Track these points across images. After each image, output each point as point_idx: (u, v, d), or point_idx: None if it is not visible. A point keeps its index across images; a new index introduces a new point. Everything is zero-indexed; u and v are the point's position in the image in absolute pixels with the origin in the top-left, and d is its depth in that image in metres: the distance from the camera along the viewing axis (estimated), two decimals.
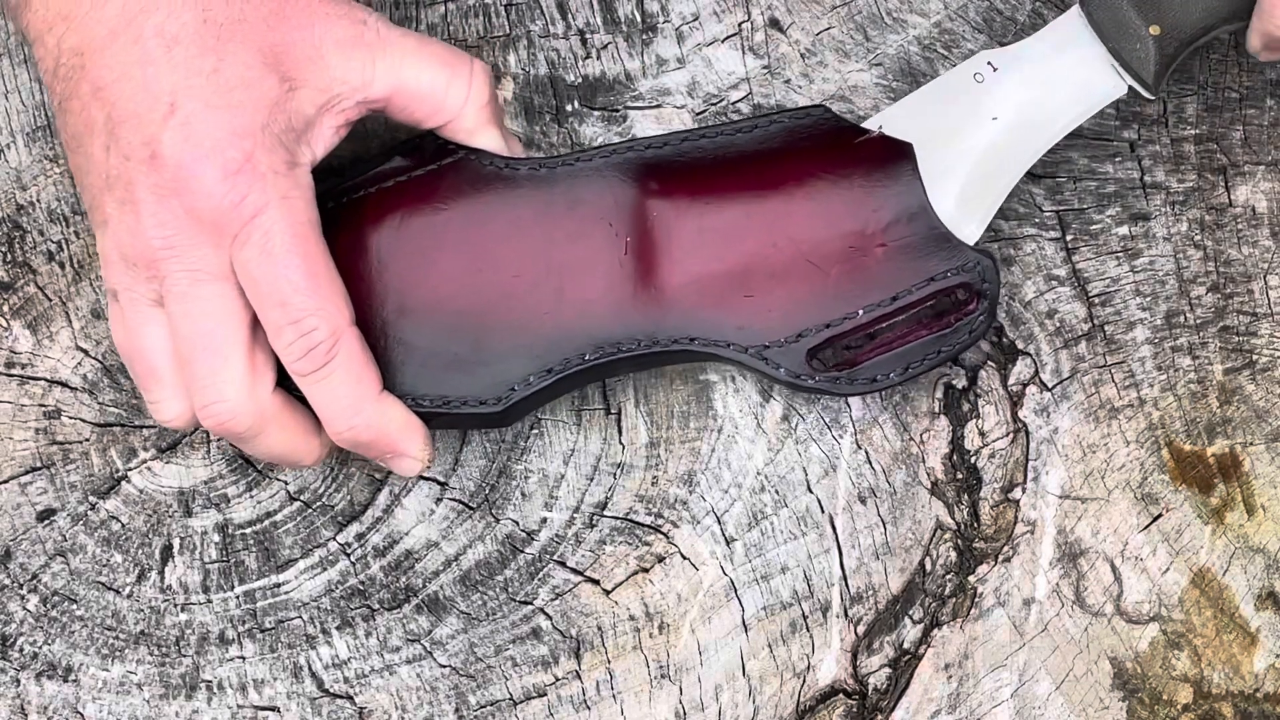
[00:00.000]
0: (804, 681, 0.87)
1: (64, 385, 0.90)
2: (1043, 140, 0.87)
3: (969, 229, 0.86)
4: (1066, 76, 0.87)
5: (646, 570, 0.88)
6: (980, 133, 0.87)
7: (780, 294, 0.84)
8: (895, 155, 0.85)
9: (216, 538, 0.88)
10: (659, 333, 0.84)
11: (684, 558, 0.88)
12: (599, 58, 0.94)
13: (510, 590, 0.87)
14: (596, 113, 0.94)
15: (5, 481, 0.89)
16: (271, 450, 0.83)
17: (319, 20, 0.82)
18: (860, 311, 0.84)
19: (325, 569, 0.88)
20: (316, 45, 0.82)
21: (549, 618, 0.87)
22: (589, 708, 0.86)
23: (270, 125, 0.80)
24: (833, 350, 0.85)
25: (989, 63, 0.87)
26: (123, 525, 0.88)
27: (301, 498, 0.88)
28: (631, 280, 0.84)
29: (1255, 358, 0.90)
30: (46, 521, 0.88)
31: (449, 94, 0.84)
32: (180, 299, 0.80)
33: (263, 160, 0.80)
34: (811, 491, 0.89)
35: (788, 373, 0.84)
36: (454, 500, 0.88)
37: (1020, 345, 0.90)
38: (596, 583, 0.87)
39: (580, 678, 0.86)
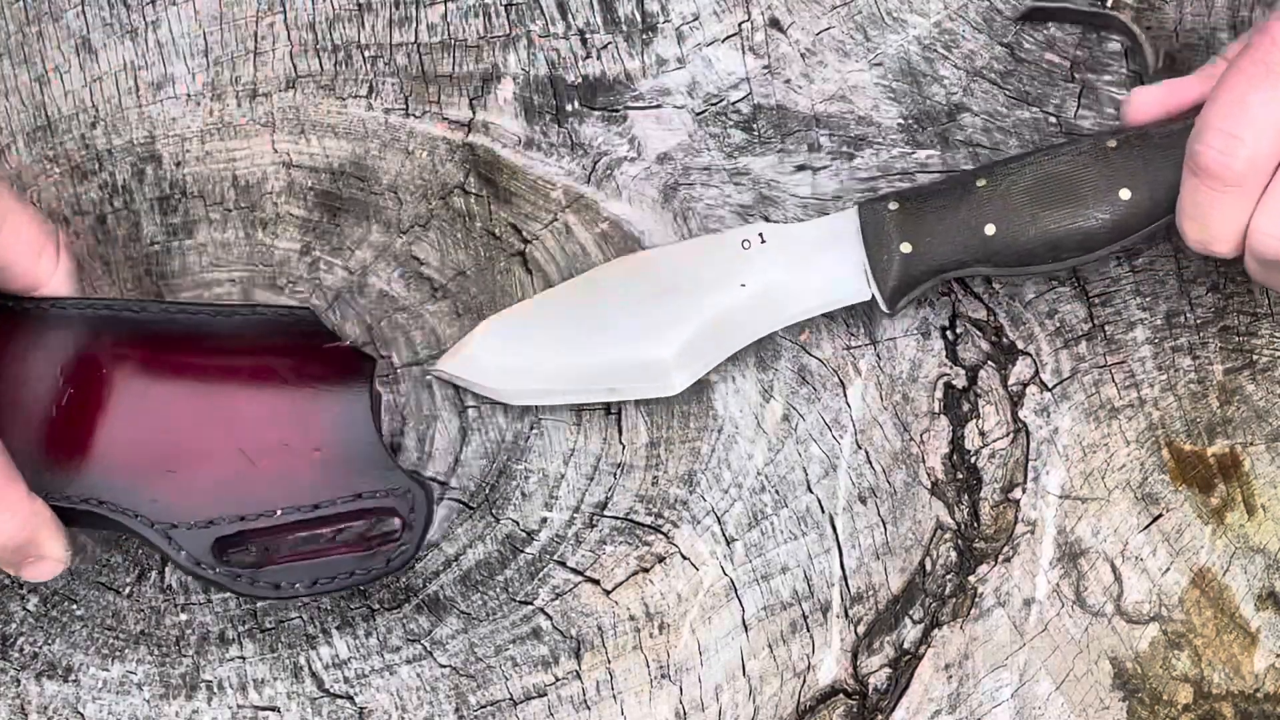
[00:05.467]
0: (804, 681, 0.87)
1: None
2: (777, 320, 0.89)
3: (679, 377, 0.88)
4: (821, 269, 0.89)
5: (647, 570, 0.88)
6: (725, 295, 0.88)
7: (202, 476, 0.83)
8: (354, 369, 0.84)
9: None
10: (68, 489, 0.82)
11: (684, 558, 0.88)
12: (599, 58, 0.95)
13: (510, 590, 0.87)
14: (596, 113, 0.94)
15: None
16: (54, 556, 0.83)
17: None
18: (279, 512, 0.82)
19: None
20: None
21: (549, 618, 0.87)
22: (589, 708, 0.86)
23: None
24: (247, 548, 0.83)
25: (760, 234, 0.89)
26: None
27: None
28: (57, 433, 0.83)
29: (1255, 358, 0.90)
30: None
31: (40, 263, 0.84)
32: None
33: None
34: (812, 491, 0.89)
35: (188, 557, 0.82)
36: (454, 500, 0.88)
37: (1020, 345, 0.90)
38: (597, 583, 0.87)
39: (580, 678, 0.86)
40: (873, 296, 0.88)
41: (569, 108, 0.94)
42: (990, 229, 0.86)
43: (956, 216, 0.87)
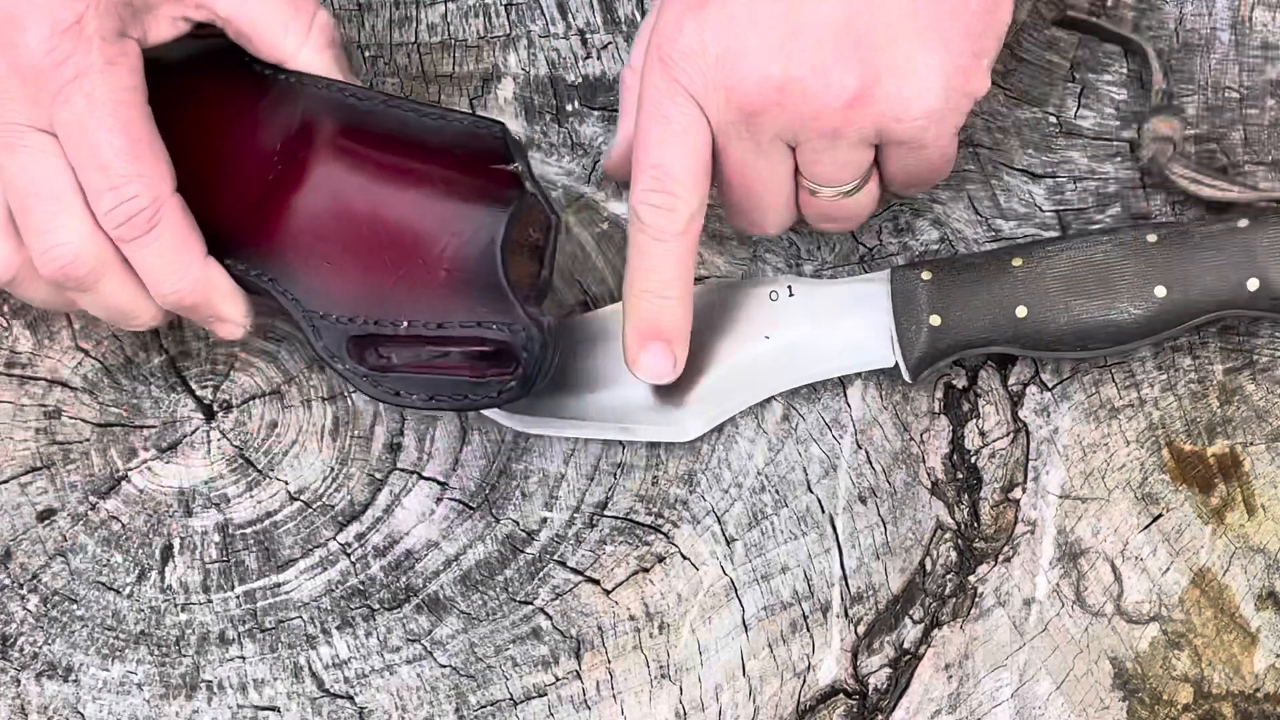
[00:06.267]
0: (804, 681, 0.87)
1: (64, 385, 0.90)
2: (799, 376, 0.89)
3: (693, 424, 0.88)
4: (847, 331, 0.88)
5: (647, 570, 0.88)
6: (747, 345, 0.88)
7: (351, 273, 0.84)
8: (500, 196, 0.83)
9: (217, 538, 0.88)
10: (246, 259, 0.84)
11: (684, 558, 0.88)
12: (599, 57, 0.95)
13: (510, 590, 0.87)
14: (596, 112, 0.94)
15: (5, 481, 0.89)
16: (110, 303, 0.83)
17: None
18: (405, 323, 0.83)
19: (325, 569, 0.88)
20: None
21: (549, 618, 0.87)
22: (589, 708, 0.86)
23: None
24: (375, 352, 0.84)
25: (789, 287, 0.88)
26: (123, 525, 0.88)
27: (301, 498, 0.88)
28: (255, 205, 0.84)
29: (1255, 358, 0.90)
30: (47, 521, 0.88)
31: (286, 37, 0.84)
32: (6, 151, 0.81)
33: (92, 24, 0.80)
34: (812, 491, 0.89)
35: (325, 349, 0.84)
36: (454, 500, 0.88)
37: None
38: (597, 583, 0.87)
39: (580, 678, 0.86)
40: (896, 364, 0.88)
41: (569, 108, 0.94)
42: (1022, 311, 0.86)
43: (989, 294, 0.87)
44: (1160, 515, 0.88)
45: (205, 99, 0.86)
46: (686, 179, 0.82)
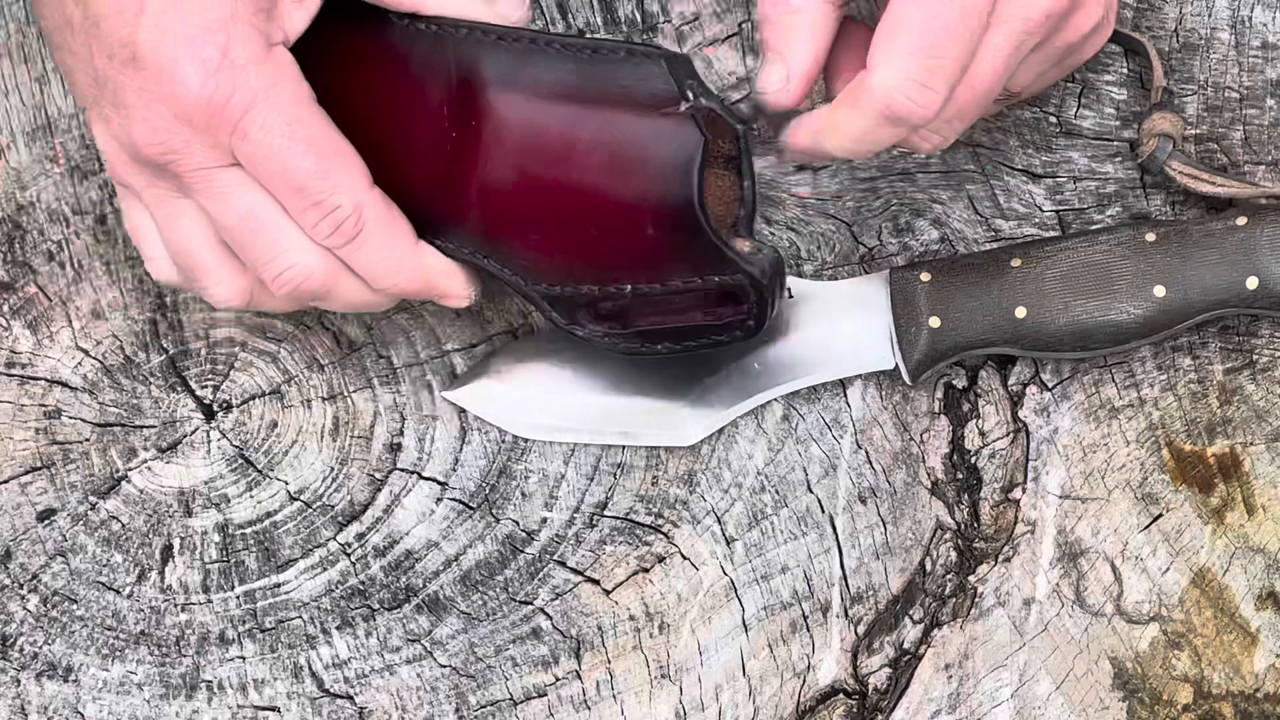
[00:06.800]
0: (804, 681, 0.87)
1: (64, 385, 0.90)
2: (799, 379, 0.88)
3: (695, 428, 0.87)
4: (846, 333, 0.88)
5: (647, 570, 0.88)
6: (748, 348, 0.88)
7: (563, 244, 0.82)
8: (681, 137, 0.80)
9: (217, 538, 0.88)
10: (450, 236, 0.83)
11: (684, 558, 0.88)
12: None
13: (510, 590, 0.87)
14: None
15: (5, 481, 0.89)
16: (347, 302, 0.83)
17: None
18: (629, 287, 0.82)
19: (325, 569, 0.88)
20: None
21: (549, 618, 0.87)
22: (589, 708, 0.86)
23: (239, 12, 0.78)
24: (609, 312, 0.83)
25: (789, 288, 0.88)
26: (123, 525, 0.88)
27: (302, 498, 0.88)
28: (441, 176, 0.82)
29: (1255, 358, 0.90)
30: (46, 521, 0.88)
31: None
32: (206, 195, 0.80)
33: (239, 52, 0.78)
34: (812, 491, 0.89)
35: (558, 318, 0.83)
36: (454, 500, 0.88)
37: None
38: (597, 583, 0.87)
39: (580, 678, 0.86)
40: (896, 366, 0.88)
41: None
42: (1021, 311, 0.86)
43: (988, 295, 0.87)
44: (1160, 515, 0.88)
45: (360, 68, 0.84)
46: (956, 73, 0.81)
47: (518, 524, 0.88)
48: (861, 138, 0.82)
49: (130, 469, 0.89)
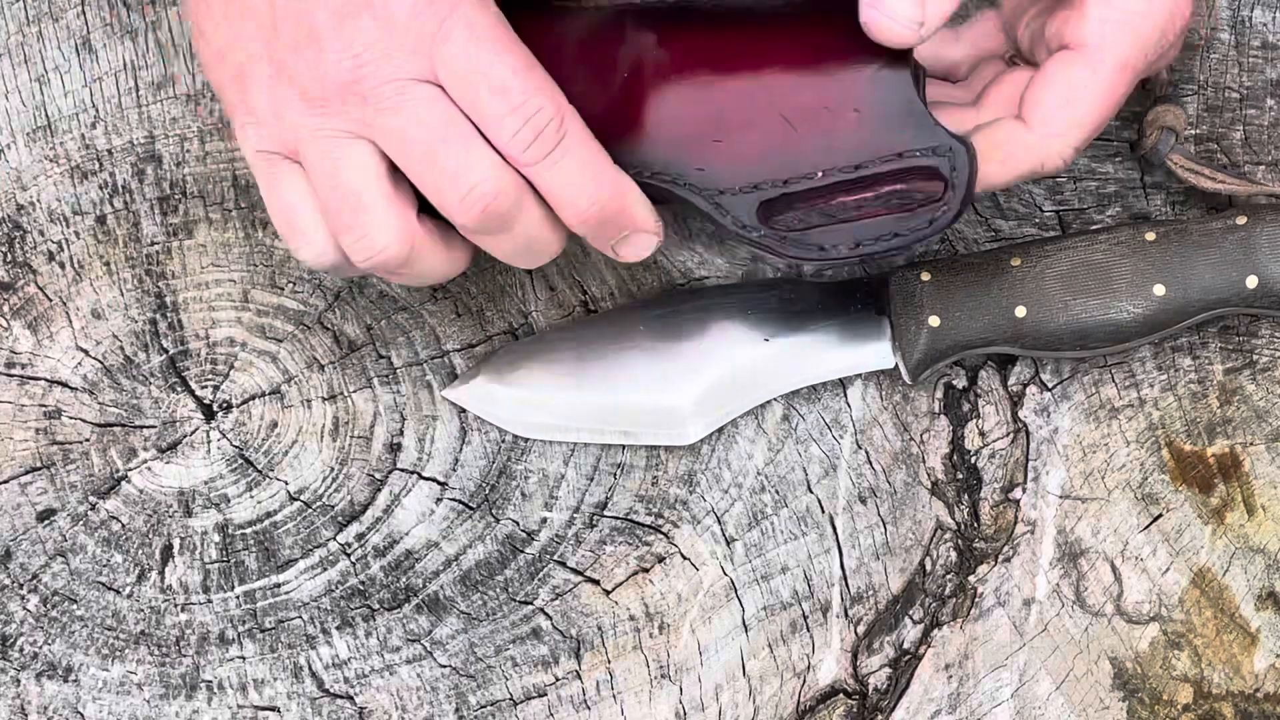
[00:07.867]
0: (804, 681, 0.87)
1: (64, 385, 0.90)
2: (799, 379, 0.88)
3: (695, 427, 0.87)
4: (846, 332, 0.88)
5: (647, 570, 0.88)
6: (747, 348, 0.88)
7: (746, 142, 0.81)
8: None
9: (216, 538, 0.88)
10: (627, 161, 0.82)
11: (684, 558, 0.88)
12: None
13: (510, 590, 0.87)
14: None
15: (5, 481, 0.89)
16: (527, 235, 0.81)
17: None
18: (820, 174, 0.81)
19: (325, 569, 0.88)
20: None
21: (549, 618, 0.87)
22: (589, 708, 0.86)
23: None
24: (790, 212, 0.82)
25: (789, 288, 0.88)
26: (123, 525, 0.88)
27: (301, 498, 0.88)
28: (616, 112, 0.82)
29: (1255, 358, 0.90)
30: (46, 521, 0.88)
31: None
32: (394, 111, 0.78)
33: None
34: (811, 491, 0.89)
35: (735, 221, 0.82)
36: (454, 500, 0.88)
37: None
38: (596, 583, 0.87)
39: (580, 678, 0.86)
40: (896, 365, 0.88)
41: None
42: (1021, 311, 0.86)
43: (987, 295, 0.87)
44: (1160, 515, 0.88)
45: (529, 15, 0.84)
46: None
47: (518, 524, 0.88)
48: (1000, 188, 0.85)
49: (130, 469, 0.89)
